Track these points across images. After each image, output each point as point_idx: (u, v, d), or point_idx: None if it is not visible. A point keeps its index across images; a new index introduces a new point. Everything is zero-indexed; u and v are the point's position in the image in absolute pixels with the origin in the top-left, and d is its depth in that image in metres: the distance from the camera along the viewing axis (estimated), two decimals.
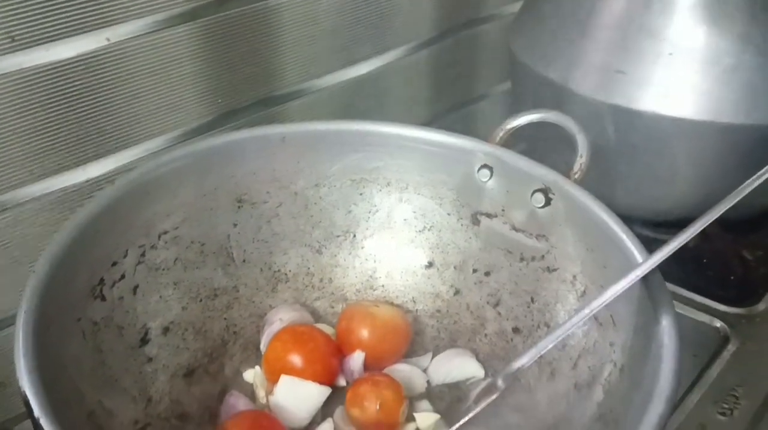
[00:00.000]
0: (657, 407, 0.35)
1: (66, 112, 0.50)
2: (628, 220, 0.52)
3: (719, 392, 0.55)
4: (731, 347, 0.59)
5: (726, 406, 0.54)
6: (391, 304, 0.57)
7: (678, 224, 0.43)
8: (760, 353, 0.59)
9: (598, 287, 0.47)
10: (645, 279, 0.42)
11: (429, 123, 0.83)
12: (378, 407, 0.47)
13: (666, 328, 0.39)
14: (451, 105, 0.86)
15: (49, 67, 0.48)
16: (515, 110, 0.55)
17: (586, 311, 0.41)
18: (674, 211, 0.65)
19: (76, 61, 0.49)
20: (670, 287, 0.64)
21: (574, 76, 0.63)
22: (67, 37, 0.48)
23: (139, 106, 0.54)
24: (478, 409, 0.43)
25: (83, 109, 0.51)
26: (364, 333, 0.52)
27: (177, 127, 0.57)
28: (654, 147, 0.62)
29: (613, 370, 0.43)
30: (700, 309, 0.63)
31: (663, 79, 0.60)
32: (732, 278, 0.67)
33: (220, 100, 0.59)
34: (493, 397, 0.43)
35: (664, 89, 0.59)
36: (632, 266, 0.42)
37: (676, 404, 0.53)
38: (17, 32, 0.46)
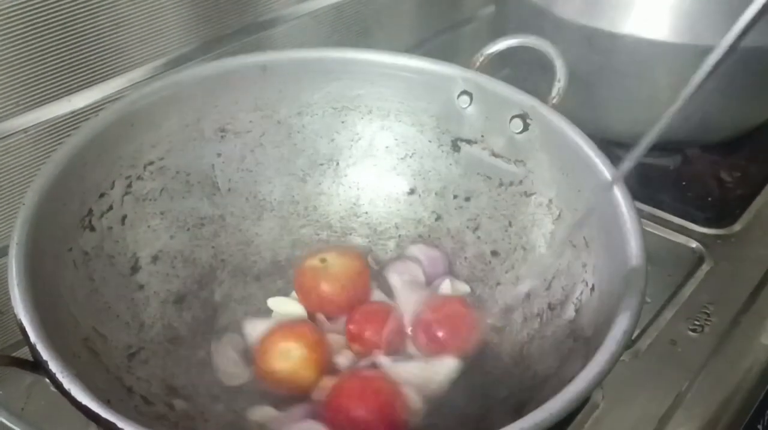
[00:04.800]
0: (622, 323, 0.37)
1: (50, 42, 0.50)
2: (611, 144, 0.52)
3: (691, 310, 0.57)
4: (705, 267, 0.61)
5: (697, 323, 0.56)
6: (341, 247, 0.56)
7: (660, 147, 0.43)
8: (734, 273, 0.60)
9: (572, 211, 0.48)
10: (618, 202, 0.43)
11: (416, 47, 0.82)
12: None
13: (634, 249, 0.40)
14: (437, 29, 0.85)
15: None
16: (498, 35, 0.55)
17: None
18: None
19: None
20: (650, 209, 0.66)
21: None
22: None
23: (122, 35, 0.54)
24: None
25: (67, 39, 0.51)
26: (323, 289, 0.52)
27: (161, 56, 0.57)
28: (635, 70, 0.62)
29: (584, 289, 0.45)
30: (678, 230, 0.64)
31: (644, 2, 0.59)
32: (710, 199, 0.68)
33: (203, 28, 0.59)
34: None
35: (644, 12, 0.59)
36: (605, 188, 0.43)
37: (649, 321, 0.56)
38: None
